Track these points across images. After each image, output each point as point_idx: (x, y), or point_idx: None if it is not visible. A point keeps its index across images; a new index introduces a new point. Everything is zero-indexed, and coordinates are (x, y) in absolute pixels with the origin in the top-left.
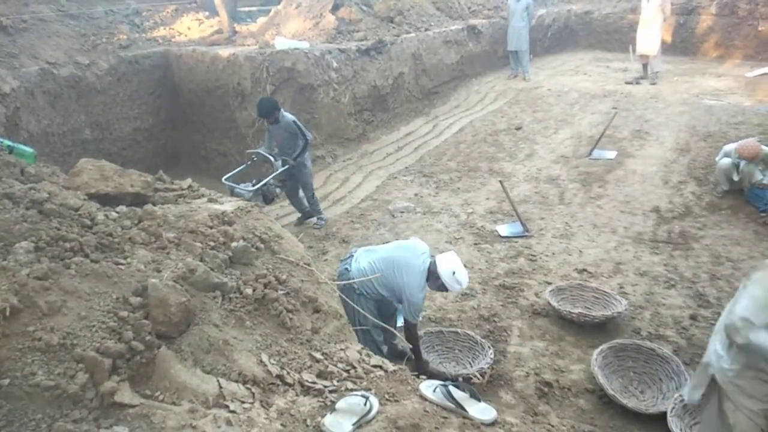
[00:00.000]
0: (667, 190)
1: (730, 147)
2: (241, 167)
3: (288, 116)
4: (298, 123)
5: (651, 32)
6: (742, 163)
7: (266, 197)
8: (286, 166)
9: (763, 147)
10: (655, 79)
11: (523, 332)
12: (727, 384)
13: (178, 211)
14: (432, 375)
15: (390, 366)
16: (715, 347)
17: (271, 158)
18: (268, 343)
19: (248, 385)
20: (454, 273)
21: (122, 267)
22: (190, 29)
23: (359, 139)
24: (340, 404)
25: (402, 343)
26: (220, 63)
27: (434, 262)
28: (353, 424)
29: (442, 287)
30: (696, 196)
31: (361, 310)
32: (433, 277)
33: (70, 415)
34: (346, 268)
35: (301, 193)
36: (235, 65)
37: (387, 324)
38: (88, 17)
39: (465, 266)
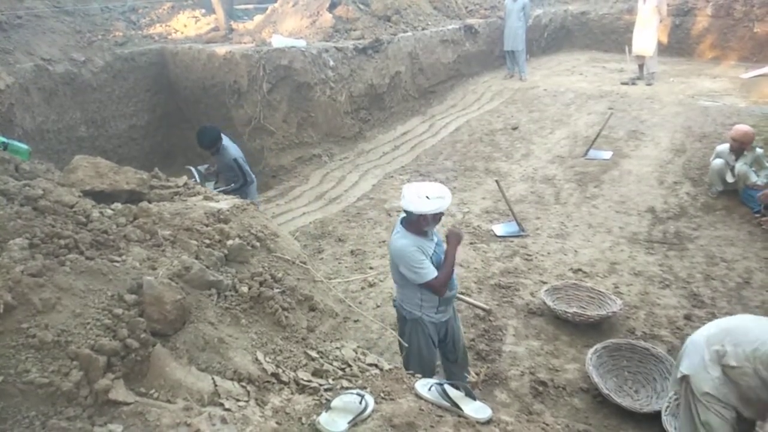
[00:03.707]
0: (662, 190)
1: (721, 147)
2: None
3: (230, 153)
4: (240, 162)
5: (647, 33)
6: (737, 165)
7: None
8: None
9: (758, 149)
10: (651, 80)
11: (518, 331)
12: (701, 389)
13: (173, 209)
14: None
15: (385, 365)
16: (703, 359)
17: (196, 176)
18: (263, 342)
19: (243, 384)
20: (415, 194)
21: (117, 264)
22: (186, 26)
23: (356, 138)
24: (335, 402)
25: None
26: (216, 61)
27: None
28: (348, 423)
29: (425, 219)
30: (691, 196)
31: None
32: (409, 221)
33: (64, 413)
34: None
35: None
36: (231, 63)
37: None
38: (84, 14)
39: (461, 266)
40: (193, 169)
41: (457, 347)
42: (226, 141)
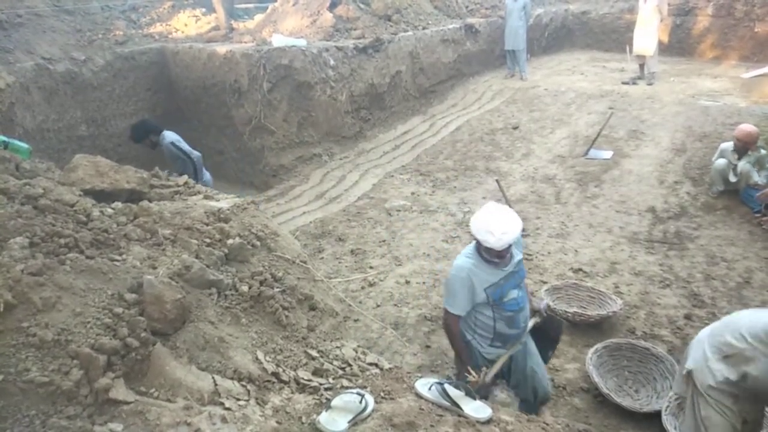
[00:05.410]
0: (662, 190)
1: (726, 145)
2: None
3: (167, 138)
4: (179, 144)
5: (648, 32)
6: (740, 164)
7: None
8: None
9: (762, 150)
10: (651, 80)
11: None
12: (704, 382)
13: (173, 208)
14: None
15: (386, 364)
16: (705, 352)
17: None
18: (263, 341)
19: (243, 383)
20: (485, 224)
21: (117, 263)
22: (186, 26)
23: (356, 138)
24: (335, 402)
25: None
26: (216, 60)
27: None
28: (349, 422)
29: (489, 251)
30: (691, 196)
31: None
32: (479, 247)
33: (64, 412)
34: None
35: None
36: (231, 62)
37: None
38: (84, 13)
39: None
40: None
41: (532, 387)
42: (166, 133)
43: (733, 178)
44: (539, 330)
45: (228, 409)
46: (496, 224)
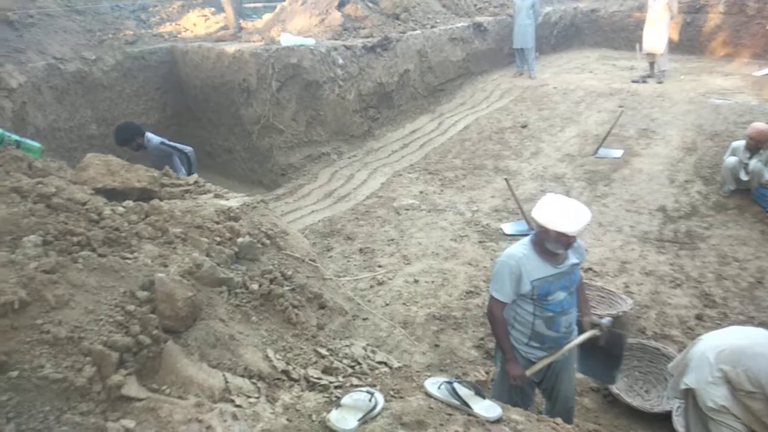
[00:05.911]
0: (673, 189)
1: (737, 144)
2: None
3: (154, 139)
4: (168, 142)
5: (658, 30)
6: (751, 163)
7: None
8: None
9: None
10: (661, 78)
11: None
12: (705, 403)
13: (184, 207)
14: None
15: (395, 363)
16: (711, 374)
17: None
18: (273, 339)
19: (254, 380)
20: (559, 209)
21: (129, 261)
22: (196, 25)
23: (364, 136)
24: (345, 400)
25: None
26: (225, 59)
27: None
28: (358, 420)
29: (560, 237)
30: (702, 195)
31: None
32: (541, 236)
33: (77, 408)
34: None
35: None
36: (240, 61)
37: None
38: (95, 13)
39: (470, 264)
40: None
41: (555, 400)
42: (149, 135)
43: (744, 177)
44: (600, 349)
45: (239, 406)
46: (570, 209)
